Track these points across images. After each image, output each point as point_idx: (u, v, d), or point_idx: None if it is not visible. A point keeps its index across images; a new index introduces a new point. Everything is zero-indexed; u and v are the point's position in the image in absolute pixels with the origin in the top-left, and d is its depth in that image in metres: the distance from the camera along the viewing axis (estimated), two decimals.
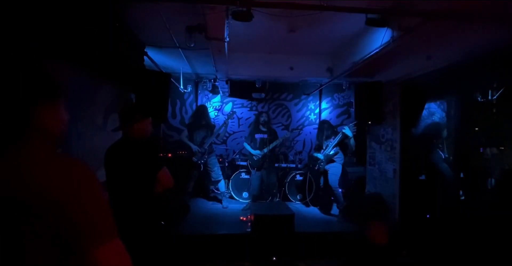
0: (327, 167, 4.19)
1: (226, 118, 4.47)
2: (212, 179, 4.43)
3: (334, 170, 4.13)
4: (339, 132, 4.16)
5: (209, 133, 4.35)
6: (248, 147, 4.49)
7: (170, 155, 4.77)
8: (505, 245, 2.53)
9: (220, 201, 4.57)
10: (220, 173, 4.42)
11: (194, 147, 4.26)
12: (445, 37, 2.51)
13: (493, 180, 3.58)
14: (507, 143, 3.53)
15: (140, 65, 3.00)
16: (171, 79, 3.67)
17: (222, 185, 4.48)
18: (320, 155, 4.24)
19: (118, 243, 0.68)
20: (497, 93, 3.52)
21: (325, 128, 4.29)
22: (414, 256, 2.96)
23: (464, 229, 2.97)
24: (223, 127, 4.41)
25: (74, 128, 2.41)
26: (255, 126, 4.57)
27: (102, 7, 2.10)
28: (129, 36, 2.69)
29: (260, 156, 4.40)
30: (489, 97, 3.58)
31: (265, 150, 4.36)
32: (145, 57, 3.09)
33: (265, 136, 4.40)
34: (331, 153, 4.15)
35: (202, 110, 4.49)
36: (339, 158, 4.20)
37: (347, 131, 3.98)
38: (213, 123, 4.70)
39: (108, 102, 3.10)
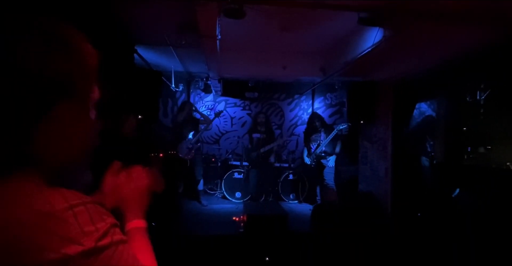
0: (323, 161, 4.28)
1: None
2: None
3: (329, 168, 4.25)
4: (332, 128, 4.26)
5: (196, 129, 4.39)
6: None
7: (162, 155, 4.70)
8: (494, 242, 2.57)
9: (198, 199, 4.53)
10: (201, 173, 4.50)
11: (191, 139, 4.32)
12: (436, 37, 2.54)
13: (480, 178, 3.64)
14: (494, 143, 3.61)
15: (129, 63, 2.94)
16: (162, 77, 3.61)
17: (200, 184, 4.59)
18: (307, 160, 4.33)
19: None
20: (484, 93, 3.58)
21: (315, 122, 4.36)
22: (405, 254, 2.98)
23: (454, 226, 3.01)
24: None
25: None
26: (253, 126, 4.68)
27: (89, 4, 2.04)
28: (118, 33, 2.62)
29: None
30: (477, 97, 3.65)
31: (261, 149, 4.45)
32: (135, 55, 3.03)
33: (262, 136, 4.50)
34: (321, 152, 4.24)
35: (188, 106, 4.49)
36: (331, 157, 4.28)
37: (341, 127, 4.15)
38: (196, 117, 4.69)
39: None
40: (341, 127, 4.16)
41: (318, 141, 4.28)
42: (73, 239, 0.39)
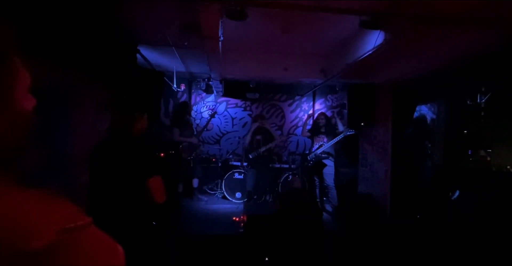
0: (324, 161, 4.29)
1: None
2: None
3: (329, 169, 4.25)
4: (339, 132, 4.26)
5: (192, 130, 4.52)
6: None
7: (162, 155, 4.72)
8: (492, 244, 2.58)
9: (191, 196, 4.61)
10: (198, 171, 4.63)
11: (195, 140, 4.45)
12: (436, 40, 2.56)
13: (480, 181, 3.65)
14: (494, 146, 3.62)
15: (132, 63, 2.96)
16: (164, 77, 3.63)
17: (195, 181, 4.66)
18: (309, 157, 4.35)
19: None
20: (485, 97, 3.60)
21: (321, 123, 4.36)
22: (404, 257, 2.99)
23: (454, 229, 3.02)
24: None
25: (64, 127, 2.35)
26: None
27: (93, 3, 2.06)
28: (121, 34, 2.64)
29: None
30: (478, 101, 3.67)
31: (261, 149, 4.51)
32: (137, 55, 3.05)
33: (261, 136, 4.59)
34: (323, 154, 4.25)
35: (186, 107, 4.59)
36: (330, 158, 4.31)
37: (348, 133, 4.15)
38: (190, 119, 4.85)
39: (99, 100, 3.04)
40: (348, 133, 4.17)
41: (321, 142, 4.30)
42: (37, 231, 0.38)
